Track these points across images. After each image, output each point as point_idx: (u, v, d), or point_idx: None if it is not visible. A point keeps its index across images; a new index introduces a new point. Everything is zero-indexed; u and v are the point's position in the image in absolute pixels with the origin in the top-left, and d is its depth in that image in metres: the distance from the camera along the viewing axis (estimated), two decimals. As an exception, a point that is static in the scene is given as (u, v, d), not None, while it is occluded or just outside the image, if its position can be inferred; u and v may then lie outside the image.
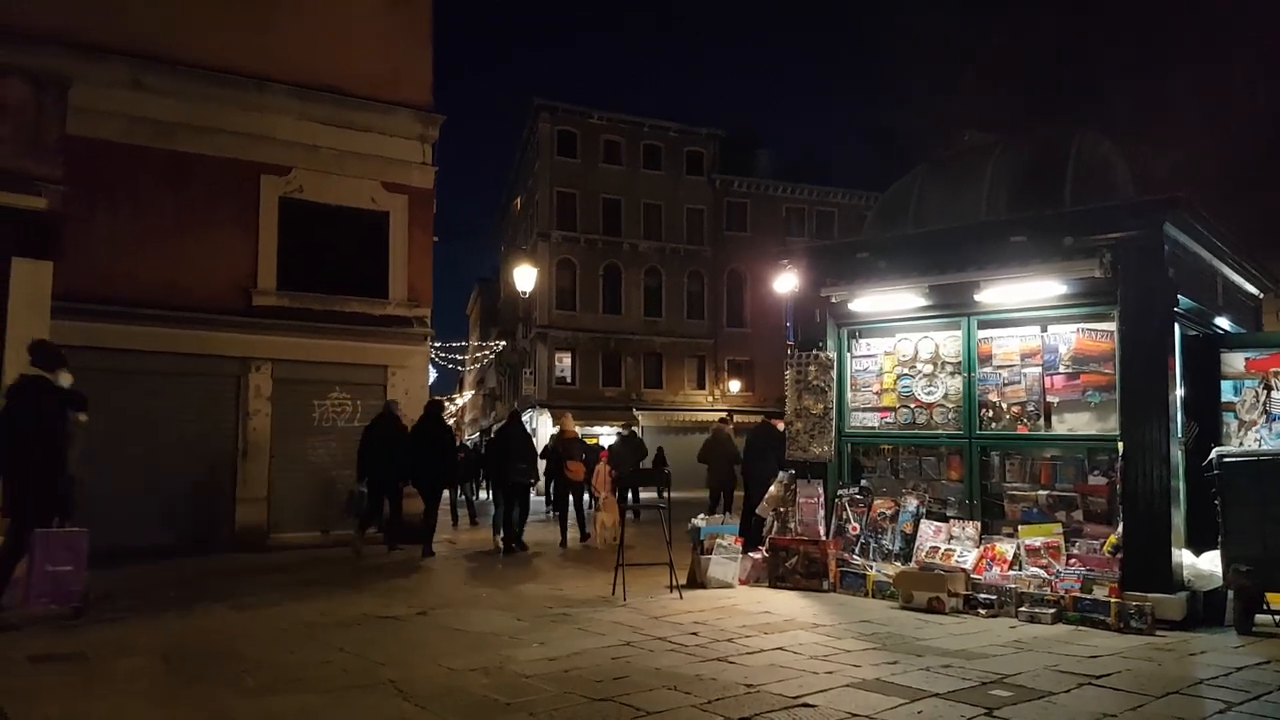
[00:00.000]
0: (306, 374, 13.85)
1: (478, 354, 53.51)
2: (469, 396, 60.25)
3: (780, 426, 12.84)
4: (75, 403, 7.82)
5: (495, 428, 17.43)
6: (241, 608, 8.09)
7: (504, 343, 49.02)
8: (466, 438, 24.95)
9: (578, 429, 16.70)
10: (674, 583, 8.69)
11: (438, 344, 35.54)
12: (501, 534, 13.14)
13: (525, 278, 23.60)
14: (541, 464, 15.96)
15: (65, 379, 7.79)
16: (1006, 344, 8.71)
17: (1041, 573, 7.72)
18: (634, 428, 16.59)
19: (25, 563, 7.30)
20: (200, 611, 7.88)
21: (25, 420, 7.41)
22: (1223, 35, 18.08)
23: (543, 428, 36.42)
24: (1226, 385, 8.25)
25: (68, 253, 10.73)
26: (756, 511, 10.07)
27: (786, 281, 11.06)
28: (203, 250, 13.24)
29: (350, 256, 14.61)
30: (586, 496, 15.14)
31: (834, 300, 9.59)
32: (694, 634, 6.74)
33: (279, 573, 10.47)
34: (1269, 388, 7.95)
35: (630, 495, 17.85)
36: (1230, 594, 7.23)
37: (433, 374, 25.89)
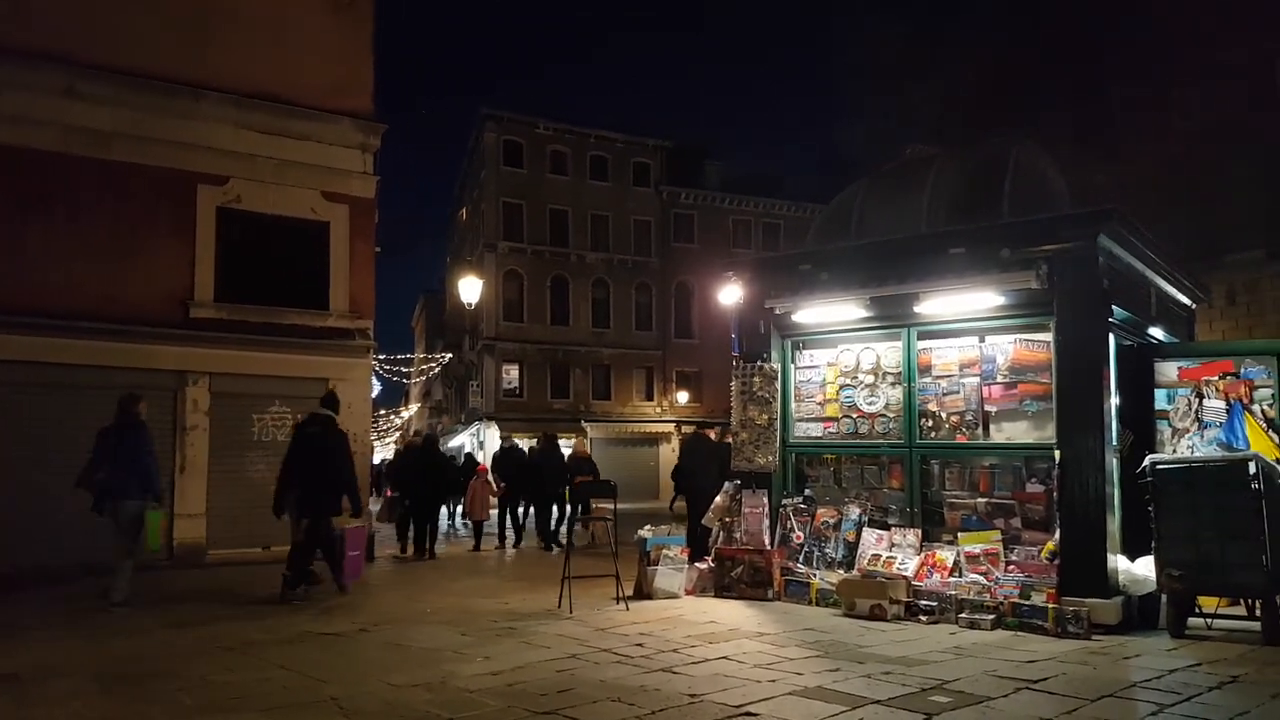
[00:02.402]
0: (245, 387, 13.54)
1: (423, 366, 52.95)
2: (415, 409, 59.59)
3: (713, 436, 12.89)
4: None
5: (528, 449, 17.69)
6: (179, 625, 7.89)
7: (450, 355, 48.57)
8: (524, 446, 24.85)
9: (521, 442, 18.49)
10: (620, 594, 8.68)
11: (381, 356, 35.13)
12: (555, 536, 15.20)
13: (471, 289, 23.32)
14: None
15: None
16: (946, 354, 8.85)
17: (981, 579, 7.84)
18: (514, 439, 16.71)
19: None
20: (136, 630, 7.67)
21: (316, 446, 9.68)
22: (1160, 54, 18.60)
23: (489, 442, 36.15)
24: (1160, 394, 8.49)
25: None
26: (702, 522, 10.10)
27: (732, 293, 11.11)
28: (139, 262, 12.90)
29: (290, 267, 14.26)
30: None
31: (778, 312, 9.66)
32: (639, 645, 6.73)
33: (217, 589, 10.24)
34: (1201, 396, 8.20)
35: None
36: (1163, 598, 7.41)
37: (376, 387, 25.59)
